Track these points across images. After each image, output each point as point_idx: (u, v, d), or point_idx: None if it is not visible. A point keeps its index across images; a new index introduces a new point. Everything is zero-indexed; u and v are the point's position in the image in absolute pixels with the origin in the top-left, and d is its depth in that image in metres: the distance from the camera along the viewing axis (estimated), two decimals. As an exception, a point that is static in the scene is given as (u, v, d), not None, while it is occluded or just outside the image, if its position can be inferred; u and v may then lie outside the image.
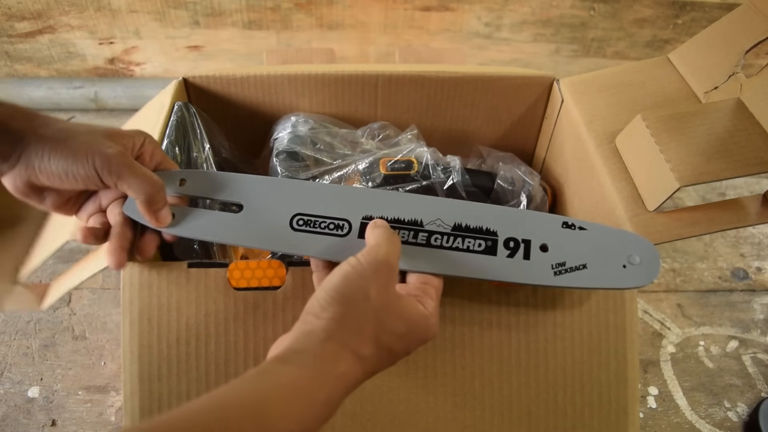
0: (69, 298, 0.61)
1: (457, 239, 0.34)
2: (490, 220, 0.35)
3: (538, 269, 0.34)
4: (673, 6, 0.82)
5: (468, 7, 0.81)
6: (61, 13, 0.79)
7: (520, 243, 0.34)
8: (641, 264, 0.34)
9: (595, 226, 0.35)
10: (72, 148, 0.31)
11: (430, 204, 0.35)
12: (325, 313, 0.28)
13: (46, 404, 0.53)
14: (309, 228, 0.35)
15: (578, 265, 0.34)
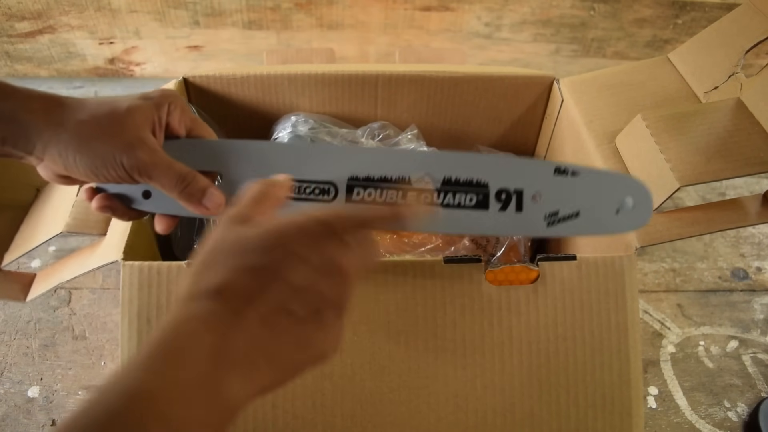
0: (69, 298, 0.61)
1: (448, 195, 0.33)
2: (480, 170, 0.33)
3: (531, 221, 0.33)
4: (673, 6, 0.82)
5: (468, 7, 0.81)
6: (61, 13, 0.79)
7: (512, 194, 0.33)
8: (635, 208, 0.33)
9: (588, 170, 0.34)
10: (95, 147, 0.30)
11: (418, 158, 0.34)
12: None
13: (46, 404, 0.53)
14: (294, 195, 0.34)
15: (571, 214, 0.33)
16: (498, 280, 0.38)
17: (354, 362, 0.38)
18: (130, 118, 0.31)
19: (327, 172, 0.34)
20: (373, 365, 0.38)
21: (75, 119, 0.30)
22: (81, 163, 0.30)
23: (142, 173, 0.31)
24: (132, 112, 0.31)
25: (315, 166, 0.34)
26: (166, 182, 0.32)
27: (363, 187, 0.34)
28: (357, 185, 0.34)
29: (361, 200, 0.33)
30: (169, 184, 0.32)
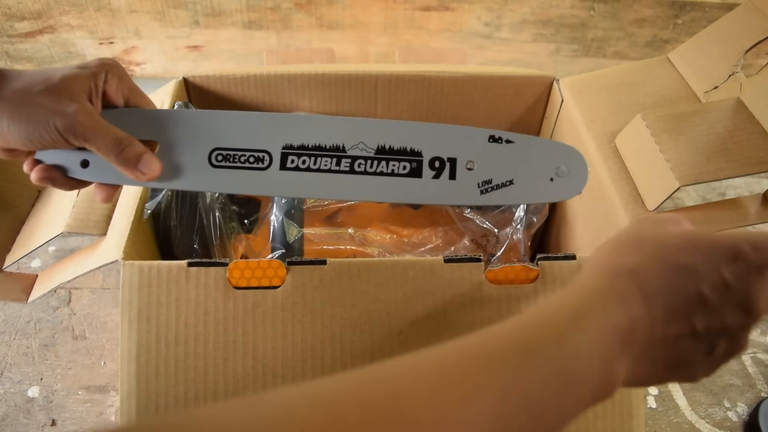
0: (69, 297, 0.61)
1: (381, 163, 0.33)
2: (414, 139, 0.33)
3: (464, 189, 0.33)
4: (673, 6, 0.82)
5: (468, 7, 0.81)
6: (61, 13, 0.79)
7: (445, 162, 0.33)
8: (569, 175, 0.33)
9: (523, 137, 0.34)
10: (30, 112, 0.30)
11: (352, 126, 0.34)
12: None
13: (46, 404, 0.53)
14: (228, 163, 0.33)
15: (505, 182, 0.33)
16: (498, 280, 0.38)
17: (354, 362, 0.38)
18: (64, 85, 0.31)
19: (261, 141, 0.34)
20: (372, 365, 0.38)
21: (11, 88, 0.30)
22: (15, 129, 0.30)
23: (77, 135, 0.31)
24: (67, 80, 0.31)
25: (249, 134, 0.34)
26: (102, 145, 0.31)
27: (297, 156, 0.34)
28: (291, 154, 0.34)
29: (295, 168, 0.33)
30: (105, 147, 0.31)
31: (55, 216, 0.44)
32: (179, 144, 0.34)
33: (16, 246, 0.46)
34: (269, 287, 0.37)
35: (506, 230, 0.53)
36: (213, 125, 0.34)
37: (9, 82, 0.30)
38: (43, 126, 0.30)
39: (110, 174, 0.33)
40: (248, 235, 0.52)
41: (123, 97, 0.34)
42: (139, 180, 0.33)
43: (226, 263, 0.37)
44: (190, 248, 0.48)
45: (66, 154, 0.33)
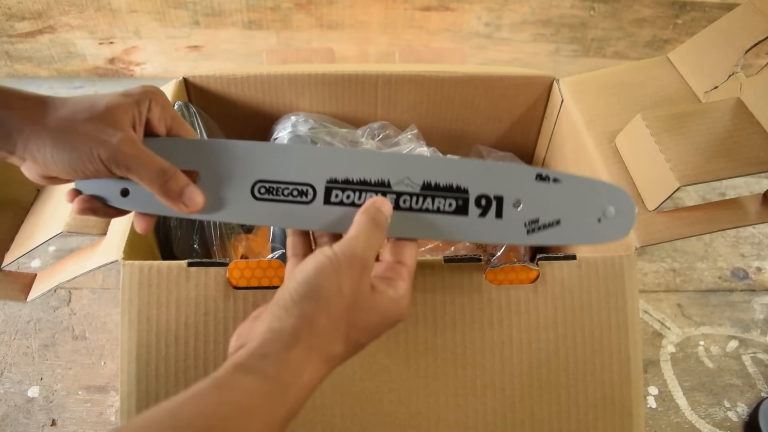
0: (69, 297, 0.61)
1: (427, 200, 0.33)
2: (460, 176, 0.33)
3: (510, 228, 0.32)
4: (673, 6, 0.82)
5: (468, 7, 0.82)
6: (61, 13, 0.79)
7: (492, 200, 0.32)
8: (617, 216, 0.32)
9: (570, 177, 0.33)
10: (73, 141, 0.29)
11: (398, 161, 0.33)
12: (296, 310, 0.26)
13: (46, 404, 0.53)
14: (271, 196, 0.33)
15: (551, 222, 0.32)
16: (498, 280, 0.38)
17: (354, 362, 0.38)
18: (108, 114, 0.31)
19: (305, 174, 0.33)
20: (372, 365, 0.38)
21: (55, 116, 0.30)
22: (58, 158, 0.30)
23: (120, 165, 0.30)
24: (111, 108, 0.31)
25: (293, 167, 0.33)
26: (145, 175, 0.31)
27: (341, 190, 0.33)
28: (335, 188, 0.33)
29: (340, 203, 0.33)
30: (148, 177, 0.31)
31: (55, 215, 0.43)
32: (222, 175, 0.34)
33: (15, 245, 0.46)
34: (269, 287, 0.37)
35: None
36: (256, 156, 0.34)
37: (53, 110, 0.30)
38: (87, 155, 0.30)
39: (151, 204, 0.33)
40: (248, 235, 0.52)
41: (166, 126, 0.34)
42: (182, 212, 0.33)
43: (226, 263, 0.37)
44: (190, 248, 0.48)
45: (106, 183, 0.33)
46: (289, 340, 0.25)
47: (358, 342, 0.28)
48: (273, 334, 0.26)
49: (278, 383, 0.24)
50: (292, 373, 0.25)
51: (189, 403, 0.23)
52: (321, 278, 0.27)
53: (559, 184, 0.33)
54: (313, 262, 0.27)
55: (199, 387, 0.24)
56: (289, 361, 0.25)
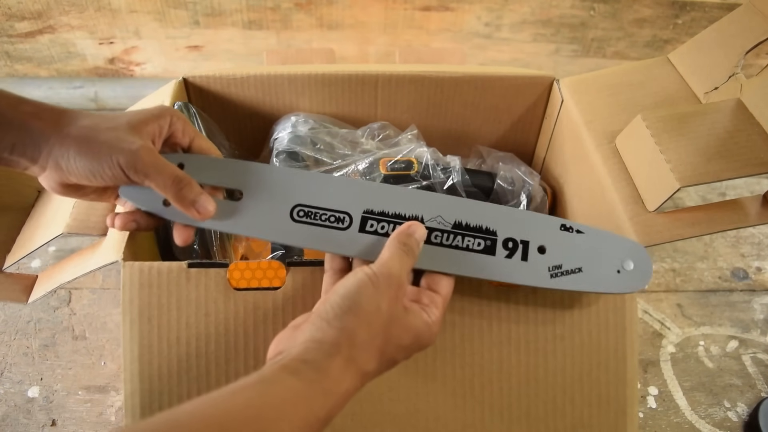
0: (69, 298, 0.61)
1: (457, 237, 0.35)
2: (490, 219, 0.35)
3: (535, 271, 0.34)
4: (673, 6, 0.82)
5: (468, 7, 0.81)
6: (61, 13, 0.79)
7: (518, 244, 0.35)
8: (635, 270, 0.35)
9: (593, 230, 0.35)
10: (95, 148, 0.31)
11: (432, 200, 0.35)
12: (338, 322, 0.28)
13: (46, 404, 0.53)
14: (309, 220, 0.35)
15: (574, 269, 0.34)
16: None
17: (354, 362, 0.38)
18: (130, 126, 0.33)
19: (343, 203, 0.35)
20: (373, 365, 0.38)
21: (78, 126, 0.32)
22: (80, 164, 0.31)
23: (138, 171, 0.32)
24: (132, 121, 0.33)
25: (332, 195, 0.35)
26: (161, 182, 0.33)
27: (377, 221, 0.35)
28: (371, 218, 0.35)
29: (374, 232, 0.35)
30: (164, 183, 0.33)
31: (55, 216, 0.44)
32: (263, 196, 0.36)
33: (16, 246, 0.46)
34: (269, 288, 0.37)
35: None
36: (296, 182, 0.36)
37: (77, 121, 0.32)
38: (107, 162, 0.31)
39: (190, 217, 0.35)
40: (248, 235, 0.52)
41: (189, 139, 0.37)
42: (194, 218, 0.34)
43: (227, 264, 0.37)
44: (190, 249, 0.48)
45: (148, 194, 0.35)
46: (330, 350, 0.27)
47: (391, 359, 0.30)
48: (315, 344, 0.27)
49: (319, 387, 0.26)
50: (332, 380, 0.26)
51: (237, 393, 0.25)
52: (362, 295, 0.28)
53: (582, 235, 0.35)
54: (355, 279, 0.29)
55: (245, 381, 0.25)
56: (329, 370, 0.26)
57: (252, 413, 0.24)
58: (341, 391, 0.27)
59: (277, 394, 0.25)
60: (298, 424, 0.25)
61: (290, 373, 0.26)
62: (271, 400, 0.25)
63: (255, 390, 0.25)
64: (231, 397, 0.24)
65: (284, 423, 0.24)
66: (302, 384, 0.26)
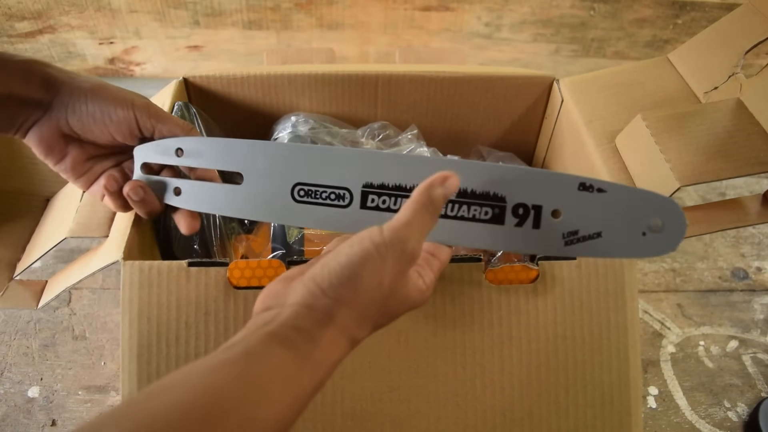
0: (69, 298, 0.61)
1: (462, 207, 0.32)
2: (499, 183, 0.31)
3: (547, 239, 0.31)
4: (673, 6, 0.82)
5: (468, 7, 0.82)
6: (61, 13, 0.79)
7: (530, 210, 0.31)
8: (663, 229, 0.30)
9: (617, 186, 0.31)
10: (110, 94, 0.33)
11: (434, 166, 0.32)
12: (332, 292, 0.26)
13: (46, 404, 0.53)
14: (310, 199, 0.34)
15: (592, 234, 0.31)
16: (498, 280, 0.38)
17: (354, 361, 0.38)
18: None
19: (342, 177, 0.33)
20: (373, 364, 0.38)
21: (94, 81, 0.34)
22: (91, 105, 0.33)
23: (151, 115, 0.35)
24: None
25: (330, 169, 0.34)
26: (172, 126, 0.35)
27: (377, 195, 0.33)
28: (371, 192, 0.33)
29: (376, 208, 0.33)
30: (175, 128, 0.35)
31: (60, 222, 0.44)
32: (263, 177, 0.35)
33: (25, 254, 0.47)
34: (270, 287, 0.37)
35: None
36: (295, 158, 0.34)
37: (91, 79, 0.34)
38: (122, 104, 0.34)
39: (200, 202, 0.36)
40: (248, 235, 0.52)
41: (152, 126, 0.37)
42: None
43: (227, 263, 0.37)
44: (190, 248, 0.48)
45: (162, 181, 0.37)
46: (323, 319, 0.25)
47: (380, 325, 0.29)
48: (306, 309, 0.26)
49: (309, 360, 0.25)
50: (322, 351, 0.25)
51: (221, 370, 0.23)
52: (365, 268, 0.26)
53: (604, 194, 0.31)
54: (360, 248, 0.26)
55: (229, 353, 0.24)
56: (321, 340, 0.25)
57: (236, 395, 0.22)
58: (331, 361, 0.26)
59: (265, 372, 0.23)
60: (286, 403, 0.23)
61: (279, 342, 0.24)
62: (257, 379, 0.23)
63: (241, 366, 0.23)
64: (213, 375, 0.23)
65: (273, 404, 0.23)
66: (292, 357, 0.24)
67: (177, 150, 0.36)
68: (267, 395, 0.23)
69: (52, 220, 0.47)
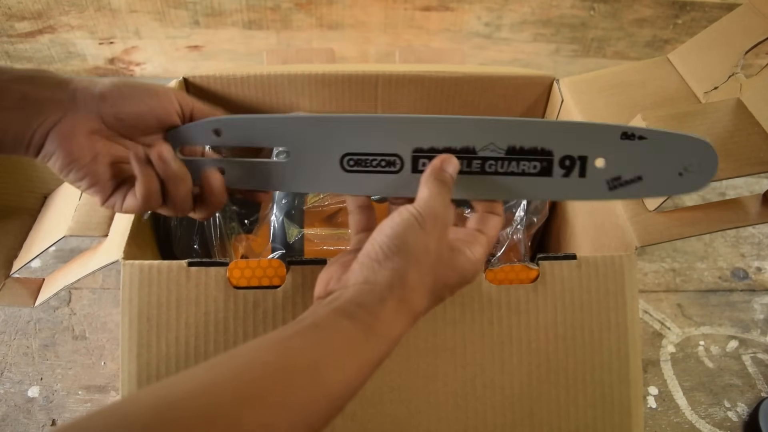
0: (69, 297, 0.61)
1: (512, 163, 0.33)
2: (545, 138, 0.33)
3: (593, 186, 0.33)
4: (673, 6, 0.82)
5: (468, 7, 0.82)
6: (61, 13, 0.79)
7: (576, 160, 0.33)
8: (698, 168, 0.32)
9: (656, 132, 0.33)
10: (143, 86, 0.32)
11: (482, 126, 0.33)
12: (389, 263, 0.28)
13: (46, 404, 0.53)
14: (361, 168, 0.34)
15: (633, 178, 0.33)
16: (498, 280, 0.38)
17: (354, 362, 0.38)
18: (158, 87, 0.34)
19: (391, 145, 0.34)
20: (373, 365, 0.38)
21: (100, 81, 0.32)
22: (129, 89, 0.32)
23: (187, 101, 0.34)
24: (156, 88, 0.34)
25: (378, 138, 0.34)
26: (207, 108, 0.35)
27: (428, 158, 0.34)
28: (422, 157, 0.34)
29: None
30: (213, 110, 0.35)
31: (59, 220, 0.44)
32: (310, 151, 0.35)
33: (22, 252, 0.47)
34: (270, 287, 0.37)
35: (506, 230, 0.53)
36: (341, 130, 0.34)
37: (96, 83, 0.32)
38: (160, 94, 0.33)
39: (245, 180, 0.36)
40: (248, 235, 0.52)
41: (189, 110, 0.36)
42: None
43: (227, 263, 0.37)
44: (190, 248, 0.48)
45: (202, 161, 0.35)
46: (383, 292, 0.27)
47: (438, 297, 0.30)
48: (368, 285, 0.27)
49: (373, 332, 0.26)
50: (386, 324, 0.27)
51: (293, 338, 0.25)
52: (409, 235, 0.28)
53: (645, 141, 0.32)
54: (401, 219, 0.28)
55: (300, 325, 0.26)
56: (383, 313, 0.27)
57: (309, 359, 0.24)
58: (394, 334, 0.27)
59: (333, 340, 0.25)
60: (353, 370, 0.25)
61: (345, 317, 0.26)
62: (326, 346, 0.25)
63: (310, 336, 0.25)
64: (287, 342, 0.25)
65: (340, 370, 0.25)
66: (357, 329, 0.26)
67: (215, 130, 0.35)
68: (335, 360, 0.25)
69: (51, 217, 0.47)
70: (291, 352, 0.24)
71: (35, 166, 0.51)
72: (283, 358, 0.24)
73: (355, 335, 0.26)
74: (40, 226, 0.48)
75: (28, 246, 0.47)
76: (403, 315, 0.28)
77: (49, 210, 0.49)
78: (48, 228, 0.46)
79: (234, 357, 0.24)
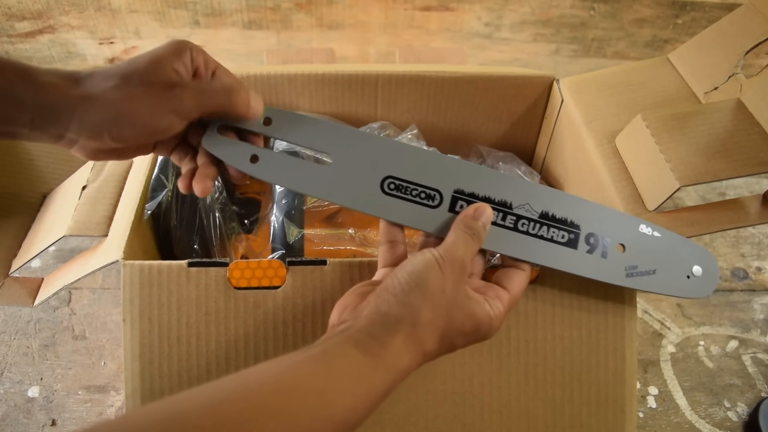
0: (69, 297, 0.61)
1: (543, 227, 0.34)
2: (575, 212, 0.35)
3: (613, 268, 0.34)
4: (673, 6, 0.82)
5: (468, 7, 0.82)
6: (61, 13, 0.79)
7: (599, 240, 0.35)
8: (702, 276, 0.35)
9: (668, 234, 0.35)
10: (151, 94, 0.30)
11: (521, 187, 0.35)
12: (404, 297, 0.28)
13: (46, 404, 0.53)
14: (400, 193, 0.34)
15: (648, 270, 0.34)
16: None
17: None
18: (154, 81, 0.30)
19: (434, 179, 0.35)
20: (373, 365, 0.38)
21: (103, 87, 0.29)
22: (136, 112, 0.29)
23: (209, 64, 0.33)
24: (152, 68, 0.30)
25: (422, 169, 0.35)
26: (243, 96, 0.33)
27: (467, 202, 0.34)
28: (461, 199, 0.34)
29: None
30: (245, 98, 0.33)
31: (58, 219, 0.44)
32: (352, 163, 0.35)
33: (21, 251, 0.46)
34: (270, 287, 0.37)
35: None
36: (386, 152, 0.35)
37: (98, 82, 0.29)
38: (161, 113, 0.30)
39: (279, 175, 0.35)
40: (248, 235, 0.52)
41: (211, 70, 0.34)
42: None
43: (227, 263, 0.37)
44: (190, 248, 0.48)
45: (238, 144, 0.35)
46: (394, 325, 0.28)
47: (450, 343, 0.30)
48: (380, 317, 0.28)
49: (382, 362, 0.27)
50: (394, 356, 0.27)
51: (302, 363, 0.26)
52: (428, 274, 0.29)
53: (658, 238, 0.35)
54: (423, 258, 0.29)
55: (310, 352, 0.26)
56: (392, 345, 0.27)
57: (317, 384, 0.25)
58: (401, 367, 0.27)
59: (342, 367, 0.26)
60: (360, 398, 0.26)
61: (355, 345, 0.27)
62: (335, 372, 0.26)
63: (320, 362, 0.26)
64: (297, 366, 0.25)
65: (347, 396, 0.25)
66: (366, 358, 0.26)
67: (266, 119, 0.35)
68: (343, 386, 0.25)
69: (50, 217, 0.47)
70: (301, 375, 0.25)
71: (34, 165, 0.51)
72: (293, 380, 0.25)
73: (364, 364, 0.26)
74: (40, 225, 0.48)
75: (28, 245, 0.47)
76: (412, 350, 0.28)
77: (48, 209, 0.49)
78: (47, 227, 0.46)
79: (246, 375, 0.25)
